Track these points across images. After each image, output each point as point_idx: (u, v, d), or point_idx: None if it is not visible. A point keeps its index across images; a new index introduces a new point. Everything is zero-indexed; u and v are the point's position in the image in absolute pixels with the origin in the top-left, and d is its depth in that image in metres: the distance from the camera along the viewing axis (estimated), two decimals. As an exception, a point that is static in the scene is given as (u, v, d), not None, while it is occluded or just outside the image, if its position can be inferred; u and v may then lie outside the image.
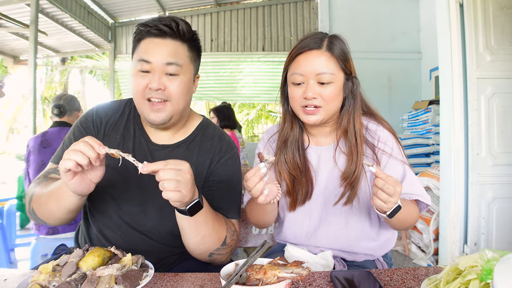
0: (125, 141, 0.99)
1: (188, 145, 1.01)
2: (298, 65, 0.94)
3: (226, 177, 1.01)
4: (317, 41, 0.93)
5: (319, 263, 0.98)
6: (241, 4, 6.05)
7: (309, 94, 0.91)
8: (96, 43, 6.32)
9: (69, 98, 2.29)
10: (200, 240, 0.87)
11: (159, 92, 0.89)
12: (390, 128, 1.00)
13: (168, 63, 0.88)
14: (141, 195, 0.96)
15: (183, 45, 0.92)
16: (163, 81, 0.89)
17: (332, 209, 1.01)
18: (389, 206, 0.78)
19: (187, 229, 0.85)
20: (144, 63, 0.88)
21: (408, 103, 3.77)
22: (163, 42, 0.89)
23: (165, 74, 0.89)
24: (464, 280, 0.54)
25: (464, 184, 2.25)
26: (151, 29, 0.89)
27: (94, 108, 1.03)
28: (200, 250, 0.89)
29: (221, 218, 0.94)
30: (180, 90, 0.91)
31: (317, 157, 1.03)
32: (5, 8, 4.45)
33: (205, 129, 1.05)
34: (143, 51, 0.89)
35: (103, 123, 1.00)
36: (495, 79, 2.21)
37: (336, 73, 0.93)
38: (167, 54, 0.88)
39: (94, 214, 1.00)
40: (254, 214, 1.02)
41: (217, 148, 1.02)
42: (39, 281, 0.65)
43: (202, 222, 0.84)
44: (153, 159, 0.97)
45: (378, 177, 0.76)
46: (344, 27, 4.23)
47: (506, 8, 2.19)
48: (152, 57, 0.88)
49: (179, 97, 0.91)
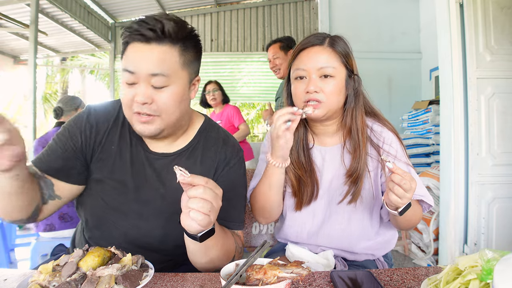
0: (122, 152, 0.91)
1: (190, 153, 0.93)
2: (300, 61, 0.96)
3: (232, 185, 0.94)
4: (319, 38, 0.96)
5: (320, 263, 0.98)
6: (241, 4, 6.05)
7: (311, 88, 0.92)
8: (96, 43, 6.32)
9: (67, 99, 2.43)
10: (208, 261, 0.81)
11: (145, 106, 0.79)
12: (393, 130, 1.01)
13: (152, 74, 0.78)
14: (143, 208, 0.90)
15: (172, 48, 0.80)
16: (150, 93, 0.79)
17: (335, 209, 1.01)
18: (404, 201, 0.79)
19: (196, 252, 0.78)
20: (128, 74, 0.79)
21: (408, 103, 3.77)
22: (147, 49, 0.78)
23: (151, 86, 0.79)
24: (464, 280, 0.54)
25: (464, 184, 2.25)
26: (132, 34, 0.78)
27: (85, 113, 0.92)
28: (206, 269, 0.84)
29: (230, 237, 0.88)
30: (171, 103, 0.81)
31: (321, 158, 1.03)
32: (5, 8, 4.45)
33: (208, 132, 0.97)
34: (127, 60, 0.80)
35: (93, 132, 0.90)
36: (495, 79, 2.21)
37: (338, 67, 0.94)
38: (151, 63, 0.77)
39: (92, 229, 0.94)
40: (260, 199, 1.00)
41: (221, 155, 0.94)
42: (39, 281, 0.65)
43: (211, 245, 0.77)
44: (151, 168, 0.91)
45: (395, 172, 0.77)
46: (344, 27, 4.23)
47: (506, 8, 2.19)
48: (134, 67, 0.78)
49: (170, 110, 0.81)
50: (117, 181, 0.90)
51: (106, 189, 0.90)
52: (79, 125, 0.90)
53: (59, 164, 0.87)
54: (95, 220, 0.93)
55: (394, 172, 0.77)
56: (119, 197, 0.90)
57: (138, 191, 0.90)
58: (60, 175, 0.88)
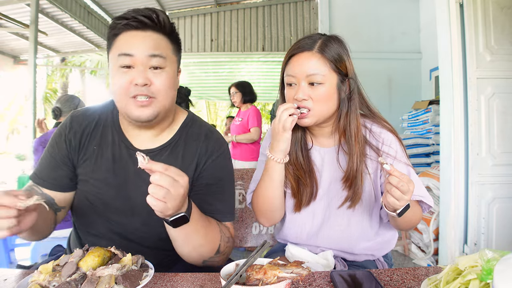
0: (103, 150, 0.93)
1: (172, 148, 0.95)
2: (291, 67, 0.94)
3: (216, 178, 0.95)
4: (309, 43, 0.93)
5: (320, 263, 0.98)
6: (241, 4, 6.05)
7: (299, 96, 0.91)
8: (96, 43, 6.33)
9: (65, 99, 2.45)
10: (191, 249, 0.83)
11: (144, 88, 0.82)
12: (393, 130, 1.00)
13: (152, 55, 0.82)
14: (128, 204, 0.92)
15: (164, 37, 0.86)
16: (148, 75, 0.82)
17: (335, 210, 1.01)
18: (402, 203, 0.79)
19: (176, 239, 0.81)
20: (125, 57, 0.81)
21: (408, 103, 3.77)
22: (144, 34, 0.83)
23: (149, 68, 0.83)
24: (464, 280, 0.54)
25: (464, 184, 2.25)
26: (129, 21, 0.82)
27: (68, 120, 0.96)
28: (193, 258, 0.86)
29: (214, 226, 0.89)
30: (167, 85, 0.85)
31: (321, 158, 1.03)
32: (5, 8, 4.45)
33: (190, 128, 0.99)
34: (123, 44, 0.82)
35: (77, 137, 0.93)
36: (495, 79, 2.21)
37: (328, 74, 0.92)
38: (150, 46, 0.82)
39: (82, 226, 0.97)
40: (261, 198, 0.99)
41: (202, 149, 0.95)
42: (39, 281, 0.65)
43: (191, 232, 0.79)
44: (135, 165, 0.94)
45: (392, 174, 0.77)
46: (344, 27, 4.23)
47: (506, 8, 2.19)
48: (133, 49, 0.81)
49: (165, 92, 0.86)
50: (99, 180, 0.92)
51: (89, 188, 0.93)
52: (63, 132, 0.94)
53: (53, 176, 0.92)
54: (83, 219, 0.96)
55: (391, 174, 0.77)
56: (102, 194, 0.92)
57: (121, 187, 0.92)
58: (56, 187, 0.92)
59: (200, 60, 5.95)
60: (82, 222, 0.97)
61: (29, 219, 0.70)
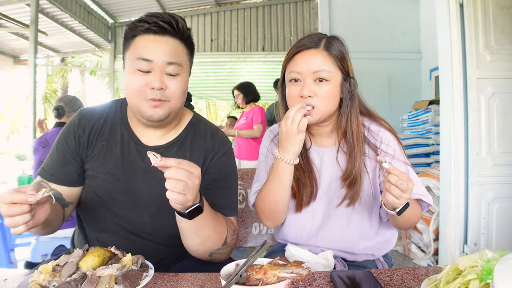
0: (112, 146, 0.95)
1: (179, 145, 0.98)
2: (295, 64, 0.94)
3: (223, 173, 0.99)
4: (315, 41, 0.94)
5: (320, 263, 0.98)
6: (241, 4, 6.05)
7: (305, 93, 0.91)
8: (96, 43, 6.33)
9: (69, 99, 2.42)
10: (200, 241, 0.85)
11: (159, 92, 0.85)
12: (391, 129, 1.00)
13: (169, 62, 0.85)
14: (136, 199, 0.94)
15: (181, 43, 0.89)
16: (164, 80, 0.86)
17: (335, 210, 1.01)
18: (401, 202, 0.79)
19: (187, 231, 0.83)
20: (144, 62, 0.84)
21: (408, 103, 3.77)
22: (163, 40, 0.86)
23: (165, 74, 0.86)
24: (464, 280, 0.54)
25: (464, 184, 2.25)
26: (151, 26, 0.84)
27: (76, 117, 0.98)
28: (200, 251, 0.88)
29: (221, 219, 0.92)
30: (181, 89, 0.89)
31: (320, 158, 1.03)
32: (5, 8, 4.46)
33: (197, 126, 1.02)
34: (142, 49, 0.85)
35: (85, 133, 0.96)
36: (495, 79, 2.21)
37: (333, 71, 0.93)
38: (168, 53, 0.85)
39: (89, 221, 0.99)
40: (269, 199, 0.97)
41: (209, 146, 0.99)
42: (39, 281, 0.65)
43: (202, 224, 0.82)
44: (144, 161, 0.95)
45: (391, 173, 0.77)
46: (344, 27, 4.23)
47: (506, 8, 2.19)
48: (152, 55, 0.84)
49: (179, 97, 0.90)
50: (108, 174, 0.94)
51: (98, 182, 0.95)
52: (72, 129, 0.97)
53: (61, 171, 0.94)
54: (90, 214, 0.98)
55: (390, 172, 0.77)
56: (111, 189, 0.94)
57: (129, 183, 0.94)
58: (64, 181, 0.94)
59: (200, 60, 5.95)
60: (90, 217, 0.98)
61: (43, 212, 0.72)
